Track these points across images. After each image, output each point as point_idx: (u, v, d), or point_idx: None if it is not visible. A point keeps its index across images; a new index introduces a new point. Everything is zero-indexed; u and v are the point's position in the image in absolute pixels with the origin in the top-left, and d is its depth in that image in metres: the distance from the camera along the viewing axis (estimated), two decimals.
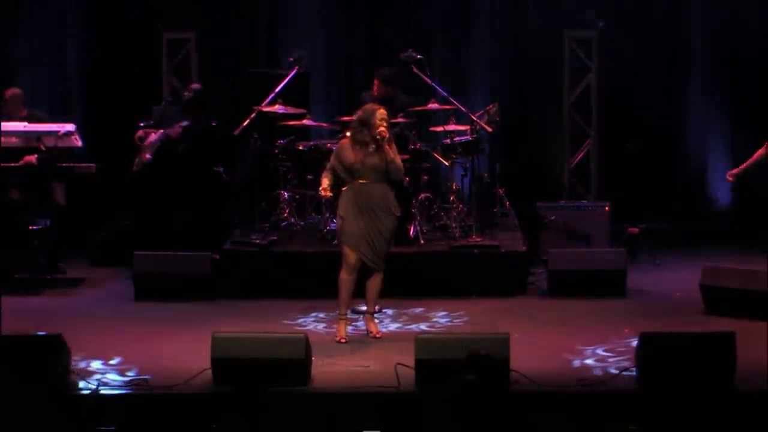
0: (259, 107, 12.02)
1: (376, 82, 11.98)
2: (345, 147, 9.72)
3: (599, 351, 9.34)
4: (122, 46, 13.83)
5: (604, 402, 8.25)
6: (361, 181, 9.63)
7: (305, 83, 13.20)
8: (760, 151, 11.55)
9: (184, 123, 12.00)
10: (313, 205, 12.12)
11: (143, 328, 10.17)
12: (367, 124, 9.59)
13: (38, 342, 8.51)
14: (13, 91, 12.19)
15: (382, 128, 9.55)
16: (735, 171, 11.72)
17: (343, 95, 13.85)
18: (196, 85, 12.41)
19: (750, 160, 11.59)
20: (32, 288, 11.48)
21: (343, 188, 9.74)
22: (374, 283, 9.77)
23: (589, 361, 9.11)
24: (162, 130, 12.04)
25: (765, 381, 8.39)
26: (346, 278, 9.68)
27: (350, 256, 9.63)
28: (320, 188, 9.80)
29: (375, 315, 10.01)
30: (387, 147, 9.59)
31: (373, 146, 9.55)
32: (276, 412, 8.11)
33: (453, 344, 8.38)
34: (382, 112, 9.64)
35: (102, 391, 8.37)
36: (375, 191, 9.62)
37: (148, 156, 11.95)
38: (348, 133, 9.91)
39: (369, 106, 9.80)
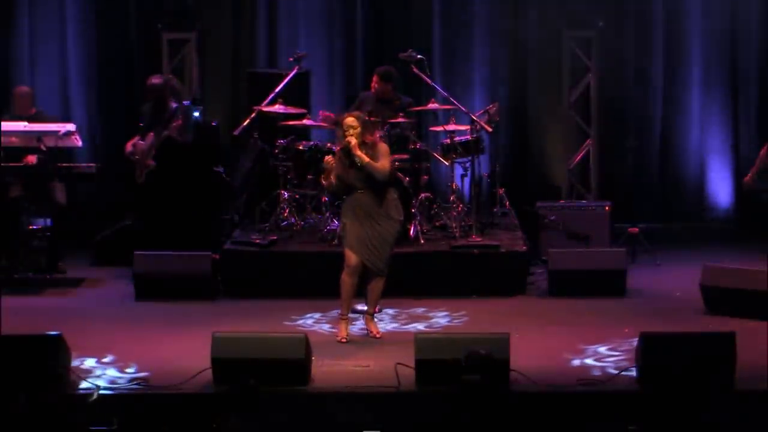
0: (259, 107, 12.01)
1: (374, 78, 11.98)
2: (334, 160, 9.74)
3: (599, 351, 9.33)
4: (122, 46, 13.83)
5: (604, 402, 8.25)
6: (357, 191, 9.64)
7: (305, 83, 13.20)
8: (761, 155, 11.55)
9: (179, 120, 11.83)
10: (313, 205, 12.12)
11: (143, 328, 10.17)
12: (339, 138, 9.66)
13: (38, 342, 8.51)
14: (23, 89, 12.22)
15: (348, 137, 9.54)
16: (747, 178, 11.72)
17: (343, 95, 13.84)
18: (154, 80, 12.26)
19: (754, 168, 11.60)
20: (32, 288, 11.48)
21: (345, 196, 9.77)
22: (376, 287, 9.77)
23: (589, 361, 9.10)
24: (154, 134, 11.83)
25: (765, 381, 8.40)
26: (347, 280, 9.69)
27: (351, 258, 9.64)
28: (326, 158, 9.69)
29: (375, 315, 10.01)
30: (359, 153, 9.52)
31: (347, 159, 9.55)
32: (276, 412, 8.12)
33: (453, 344, 8.38)
34: (348, 122, 9.60)
35: (102, 391, 8.37)
36: (371, 199, 9.62)
37: (151, 162, 11.84)
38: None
39: (340, 118, 9.80)
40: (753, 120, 13.87)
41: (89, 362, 9.04)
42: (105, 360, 9.12)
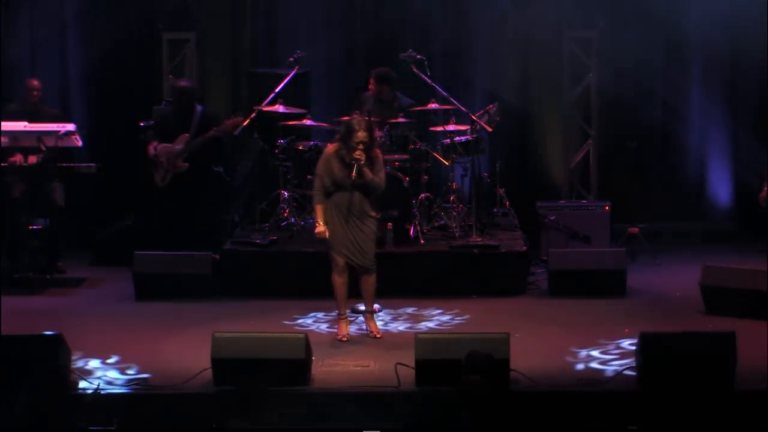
0: (259, 107, 12.01)
1: (371, 81, 11.99)
2: (331, 158, 9.69)
3: (599, 351, 9.34)
4: (122, 46, 13.82)
5: (604, 402, 8.25)
6: (342, 192, 9.66)
7: (305, 83, 13.20)
8: None
9: (238, 117, 11.86)
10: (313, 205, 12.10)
11: (143, 328, 10.17)
12: (345, 144, 9.60)
13: (38, 342, 8.51)
14: (33, 82, 12.21)
15: (357, 153, 9.52)
16: (764, 194, 11.84)
17: (343, 95, 13.83)
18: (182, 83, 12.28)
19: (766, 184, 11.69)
20: (32, 288, 11.48)
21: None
22: (368, 283, 9.82)
23: (589, 361, 9.11)
24: (189, 136, 11.82)
25: (765, 381, 8.40)
26: (337, 280, 9.80)
27: (338, 259, 9.75)
28: (316, 229, 9.69)
29: (375, 315, 10.02)
30: (367, 170, 9.55)
31: (347, 164, 9.54)
32: (276, 412, 8.12)
33: (453, 344, 8.39)
34: (360, 135, 9.52)
35: (102, 391, 8.37)
36: (353, 199, 9.67)
37: (182, 164, 11.80)
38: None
39: (352, 122, 9.69)
40: (753, 120, 13.86)
41: (89, 362, 9.04)
42: (105, 360, 9.12)
